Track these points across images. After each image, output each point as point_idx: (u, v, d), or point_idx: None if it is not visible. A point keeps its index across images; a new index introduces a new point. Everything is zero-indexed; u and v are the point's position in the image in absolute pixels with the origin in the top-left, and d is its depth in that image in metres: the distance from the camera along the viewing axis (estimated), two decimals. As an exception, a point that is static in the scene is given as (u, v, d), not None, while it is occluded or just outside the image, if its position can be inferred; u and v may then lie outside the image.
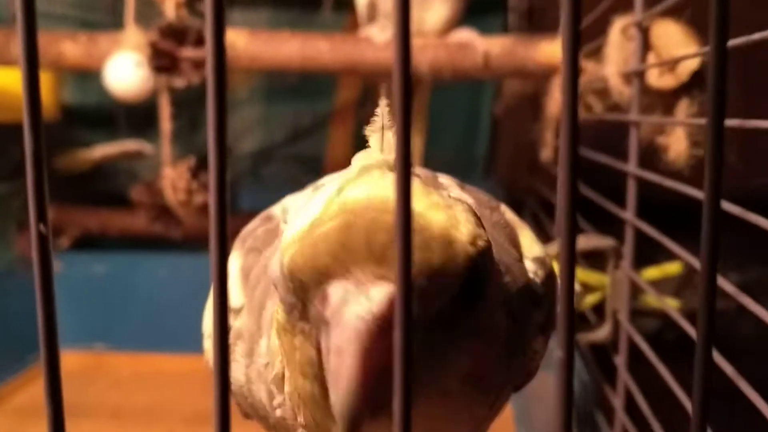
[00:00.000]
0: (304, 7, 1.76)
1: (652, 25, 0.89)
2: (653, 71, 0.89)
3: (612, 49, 0.97)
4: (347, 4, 1.54)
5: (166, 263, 1.49)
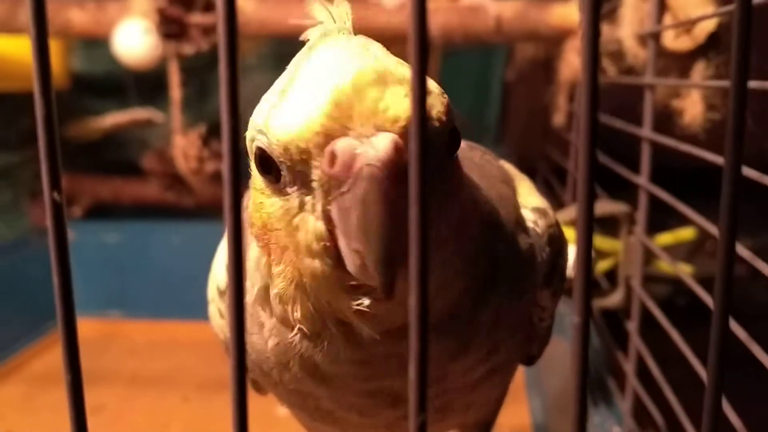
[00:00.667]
0: (312, -29, 1.73)
1: (668, -15, 0.87)
2: (669, 33, 0.87)
3: (627, 10, 0.94)
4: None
5: (179, 231, 1.50)
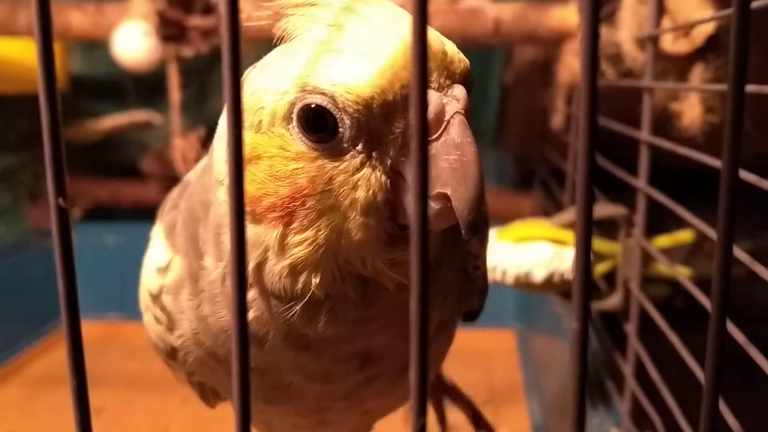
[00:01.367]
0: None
1: (667, -12, 0.87)
2: (667, 36, 0.88)
3: (626, 13, 0.95)
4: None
5: (178, 233, 1.50)
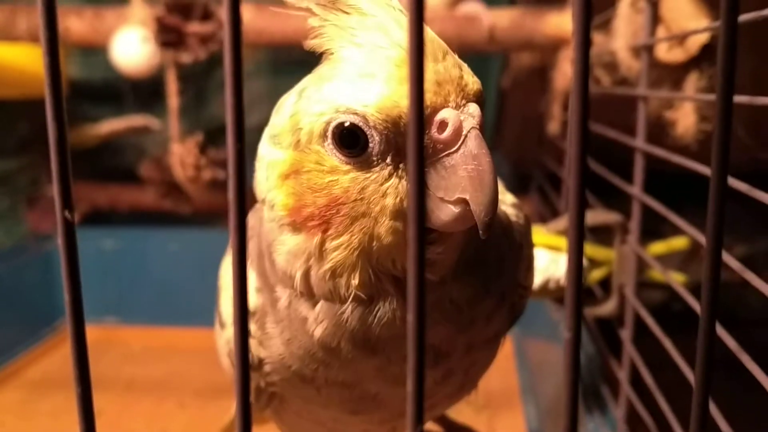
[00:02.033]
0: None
1: (661, -3, 0.88)
2: (662, 45, 0.88)
3: (621, 21, 0.96)
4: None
5: (176, 238, 1.50)
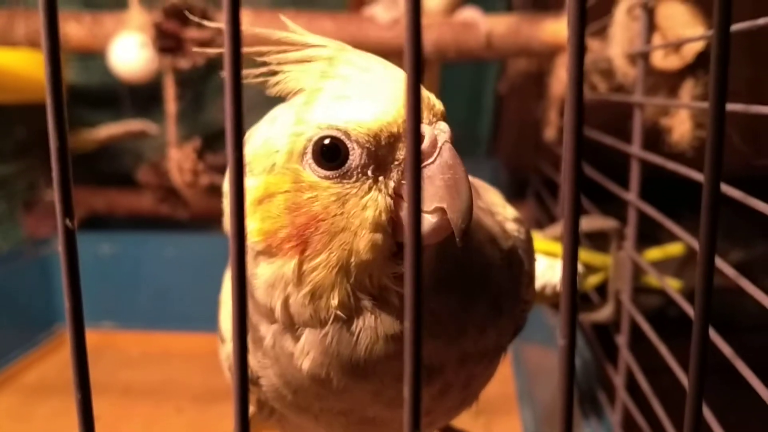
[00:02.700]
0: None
1: (657, 5, 0.88)
2: (658, 52, 0.89)
3: (617, 29, 0.96)
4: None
5: (173, 243, 1.51)
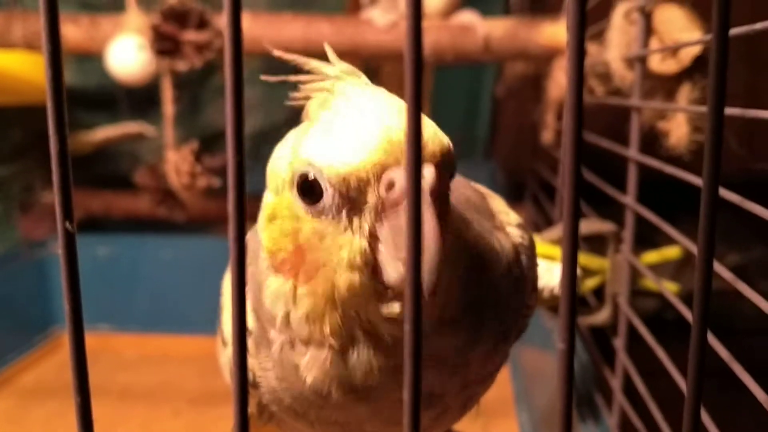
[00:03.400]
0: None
1: (655, 9, 0.89)
2: (655, 56, 0.89)
3: (615, 33, 0.96)
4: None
5: (170, 245, 1.50)
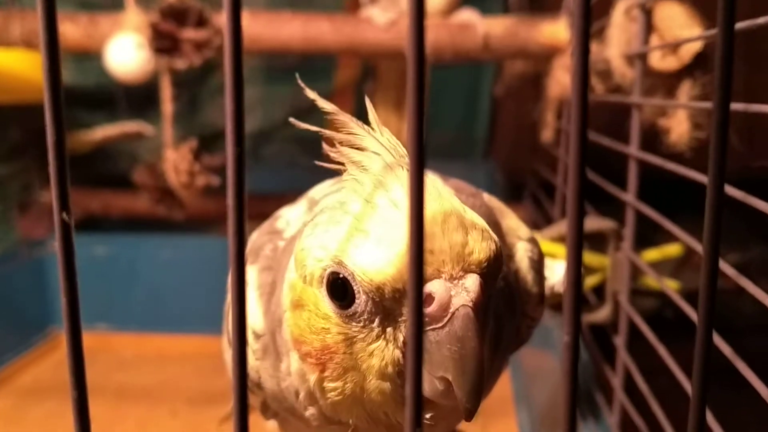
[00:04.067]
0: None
1: (655, 6, 0.88)
2: (656, 53, 0.89)
3: (615, 30, 0.96)
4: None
5: (168, 244, 1.50)
